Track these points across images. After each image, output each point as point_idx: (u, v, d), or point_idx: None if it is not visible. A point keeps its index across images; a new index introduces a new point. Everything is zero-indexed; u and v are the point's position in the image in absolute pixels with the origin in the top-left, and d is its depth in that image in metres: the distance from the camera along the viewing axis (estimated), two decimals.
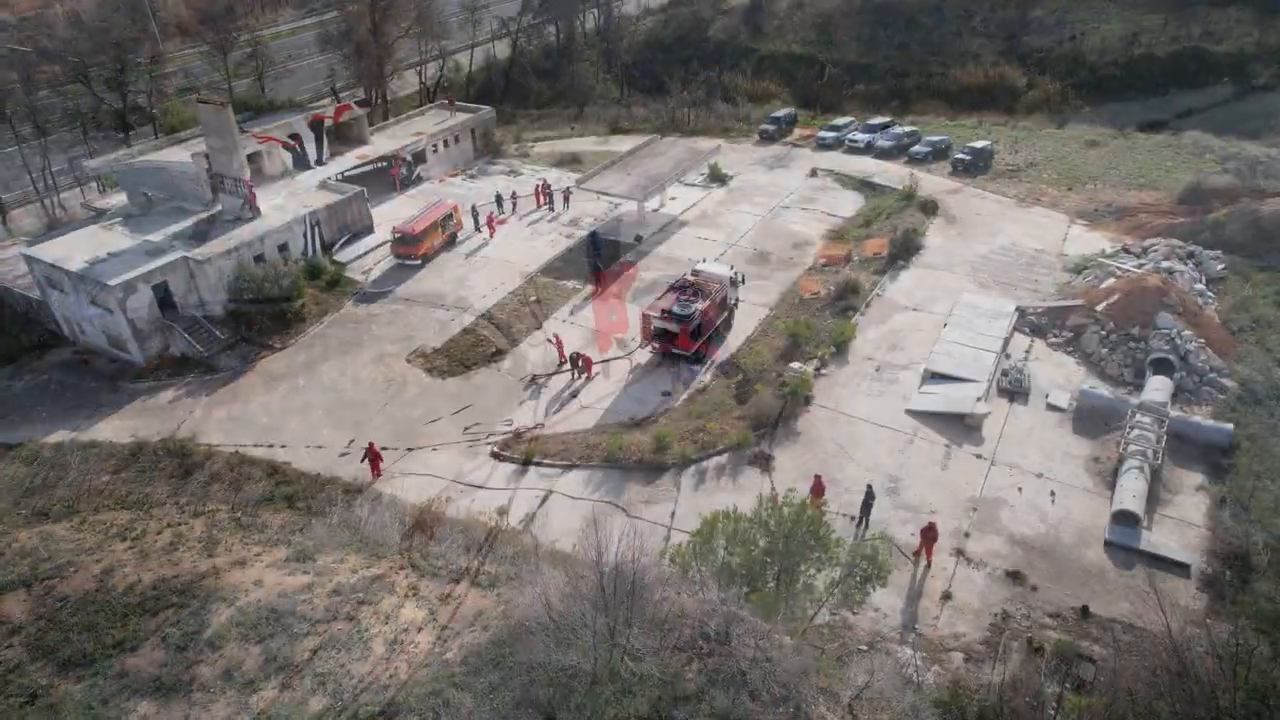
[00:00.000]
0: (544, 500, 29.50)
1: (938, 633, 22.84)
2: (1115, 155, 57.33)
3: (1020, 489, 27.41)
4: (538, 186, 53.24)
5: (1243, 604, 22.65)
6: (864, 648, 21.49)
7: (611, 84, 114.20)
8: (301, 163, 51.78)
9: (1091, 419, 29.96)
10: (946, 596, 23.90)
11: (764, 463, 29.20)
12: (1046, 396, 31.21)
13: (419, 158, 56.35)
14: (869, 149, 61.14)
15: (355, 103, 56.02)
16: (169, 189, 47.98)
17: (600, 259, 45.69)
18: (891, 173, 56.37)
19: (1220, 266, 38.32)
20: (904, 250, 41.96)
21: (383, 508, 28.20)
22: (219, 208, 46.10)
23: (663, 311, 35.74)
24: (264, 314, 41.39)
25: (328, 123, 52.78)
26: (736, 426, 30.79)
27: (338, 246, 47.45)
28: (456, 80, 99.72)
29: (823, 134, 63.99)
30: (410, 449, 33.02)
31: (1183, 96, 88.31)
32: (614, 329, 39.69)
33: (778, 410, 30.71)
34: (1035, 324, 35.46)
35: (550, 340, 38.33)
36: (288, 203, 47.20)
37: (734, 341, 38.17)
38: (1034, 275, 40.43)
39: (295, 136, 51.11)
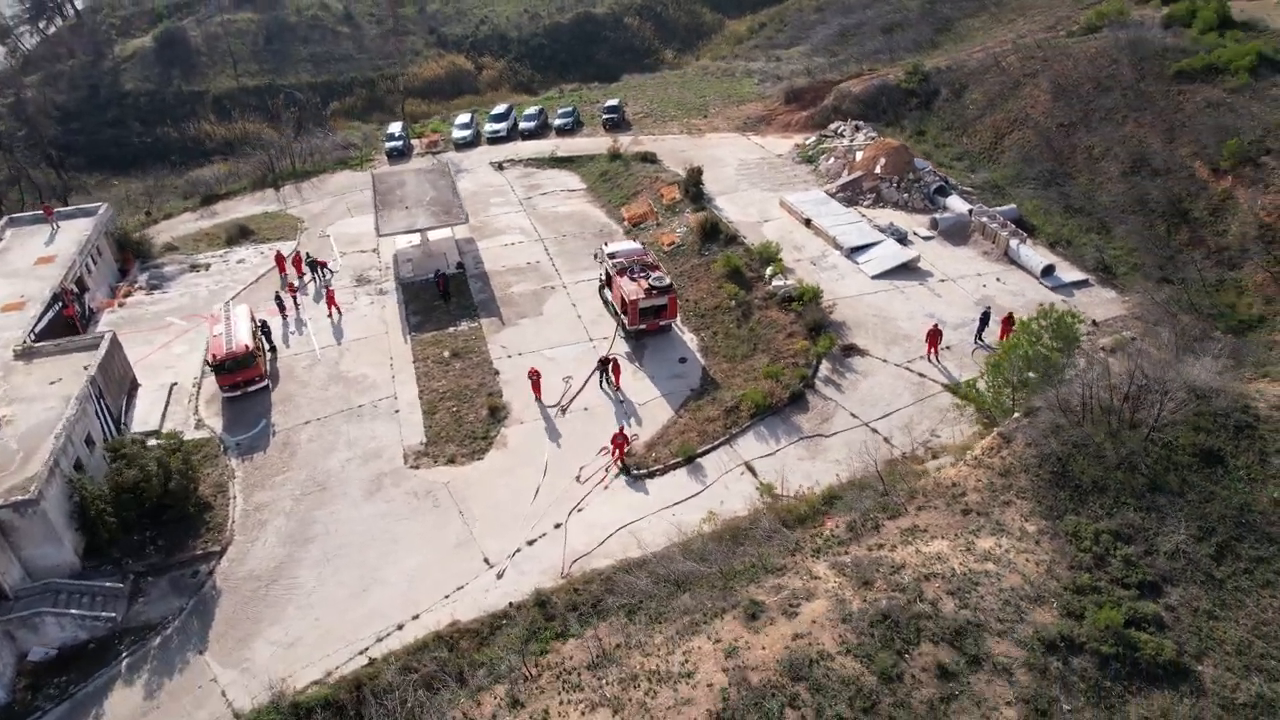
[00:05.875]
0: (751, 470, 29.96)
1: None
2: (693, 87, 71.43)
3: (984, 285, 38.22)
4: (282, 257, 44.65)
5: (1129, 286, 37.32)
6: None
7: (35, 169, 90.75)
8: None
9: (951, 233, 42.21)
10: None
11: (858, 351, 34.39)
12: (916, 233, 42.54)
13: (82, 285, 41.11)
14: (513, 134, 64.49)
15: None
16: None
17: (447, 296, 41.93)
18: (565, 145, 61.28)
19: (870, 129, 54.42)
20: (696, 190, 48.49)
21: (686, 556, 25.61)
22: None
23: (648, 290, 36.58)
24: (151, 528, 28.93)
25: None
26: (800, 342, 34.96)
27: (123, 415, 33.96)
28: None
29: (456, 135, 64.72)
30: (557, 525, 28.97)
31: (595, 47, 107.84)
32: None
33: (824, 314, 35.78)
34: (845, 197, 46.37)
35: (566, 380, 35.66)
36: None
37: None
38: (785, 173, 51.35)
39: None
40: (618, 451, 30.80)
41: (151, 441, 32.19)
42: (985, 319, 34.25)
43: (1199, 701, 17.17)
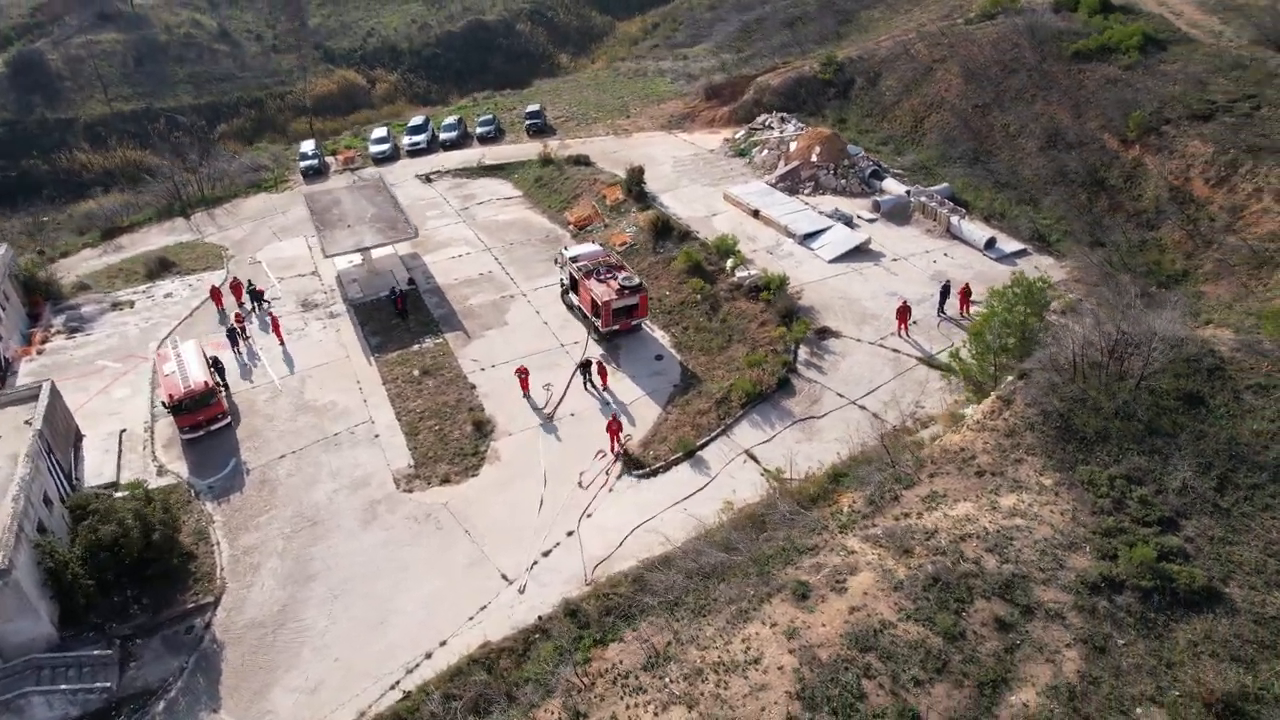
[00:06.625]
0: (752, 457, 30.41)
1: None
2: (609, 89, 71.54)
3: (935, 261, 40.09)
4: (218, 290, 42.22)
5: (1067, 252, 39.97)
6: None
7: None
8: None
9: (893, 214, 44.03)
10: None
11: (832, 333, 35.42)
12: (860, 216, 44.13)
13: None
14: (433, 146, 63.00)
15: None
16: None
17: (405, 314, 40.69)
18: (491, 153, 60.39)
19: (796, 120, 56.04)
20: (639, 189, 48.68)
21: (712, 547, 25.74)
22: None
23: (620, 289, 36.53)
24: (131, 586, 26.91)
25: None
26: (775, 329, 35.72)
27: (73, 469, 31.41)
28: None
29: (374, 150, 62.81)
30: (570, 533, 28.65)
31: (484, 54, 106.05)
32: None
33: (793, 300, 36.66)
34: (785, 187, 47.61)
35: (546, 387, 35.26)
36: None
37: None
38: (721, 168, 52.22)
39: None
40: (614, 439, 30.89)
41: (119, 494, 29.92)
42: (945, 292, 35.98)
43: (1235, 620, 18.70)
